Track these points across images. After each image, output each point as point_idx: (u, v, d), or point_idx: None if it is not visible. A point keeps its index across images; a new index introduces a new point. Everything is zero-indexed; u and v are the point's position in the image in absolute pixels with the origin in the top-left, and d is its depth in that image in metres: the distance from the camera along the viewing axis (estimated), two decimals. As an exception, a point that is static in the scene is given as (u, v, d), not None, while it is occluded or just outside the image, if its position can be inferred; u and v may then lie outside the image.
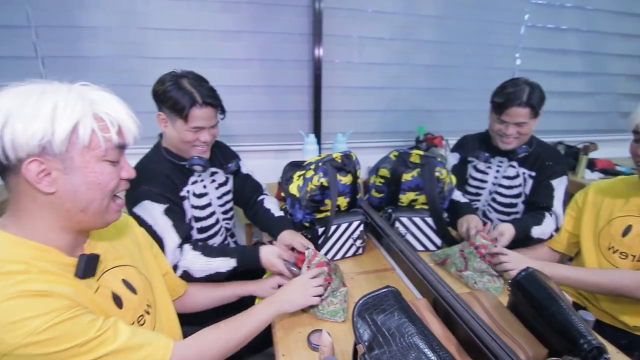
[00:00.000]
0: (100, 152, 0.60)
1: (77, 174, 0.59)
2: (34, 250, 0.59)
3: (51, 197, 0.58)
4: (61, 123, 0.55)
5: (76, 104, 0.57)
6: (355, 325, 0.72)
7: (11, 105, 0.54)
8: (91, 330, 0.57)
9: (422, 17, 2.08)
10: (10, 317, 0.50)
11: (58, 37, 1.73)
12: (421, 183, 1.25)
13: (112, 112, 0.61)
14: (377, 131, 2.24)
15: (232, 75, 1.96)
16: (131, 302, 0.72)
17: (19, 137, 0.53)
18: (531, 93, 1.23)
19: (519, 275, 0.84)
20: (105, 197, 0.63)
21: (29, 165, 0.55)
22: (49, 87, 0.57)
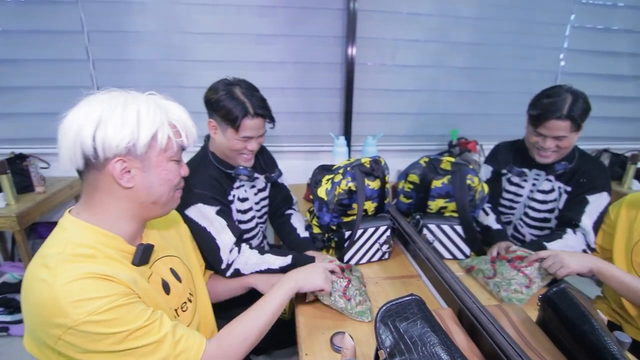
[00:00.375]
0: (172, 153, 0.70)
1: (152, 172, 0.68)
2: (102, 237, 0.66)
3: (128, 191, 0.67)
4: (145, 129, 0.63)
5: (156, 113, 0.65)
6: (378, 331, 0.73)
7: (102, 112, 0.62)
8: (141, 318, 0.61)
9: (458, 19, 2.04)
10: (78, 295, 0.56)
11: (107, 41, 1.86)
12: (451, 190, 1.23)
13: (181, 119, 0.71)
14: (408, 134, 2.22)
15: (267, 78, 2.01)
16: (177, 289, 0.80)
17: (110, 139, 0.61)
18: (573, 104, 1.12)
19: (550, 291, 0.82)
20: (171, 190, 0.73)
21: (115, 164, 0.63)
22: (129, 96, 0.66)
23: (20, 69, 1.84)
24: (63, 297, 0.55)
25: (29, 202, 1.67)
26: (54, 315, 0.55)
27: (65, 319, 0.55)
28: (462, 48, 2.09)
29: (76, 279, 0.57)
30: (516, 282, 1.04)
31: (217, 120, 1.12)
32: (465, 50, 2.10)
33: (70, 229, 0.65)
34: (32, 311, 0.58)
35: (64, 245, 0.62)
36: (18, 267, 1.99)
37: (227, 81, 1.12)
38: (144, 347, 0.61)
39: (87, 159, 0.63)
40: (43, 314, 0.56)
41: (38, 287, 0.57)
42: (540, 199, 1.29)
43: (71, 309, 0.55)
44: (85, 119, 0.61)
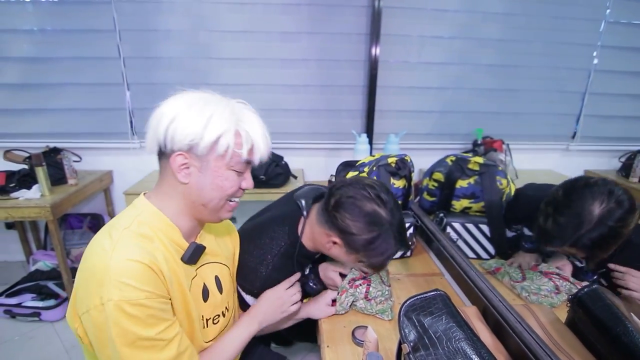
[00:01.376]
0: (232, 162, 0.69)
1: (208, 174, 0.69)
2: (164, 225, 0.70)
3: (184, 187, 0.69)
4: (210, 132, 0.65)
5: (225, 119, 0.66)
6: (402, 325, 0.73)
7: (181, 107, 0.65)
8: (155, 329, 0.61)
9: (486, 14, 1.99)
10: (126, 276, 0.58)
11: (138, 39, 1.92)
12: (477, 191, 1.20)
13: (251, 132, 0.69)
14: (432, 133, 2.19)
15: (290, 75, 2.03)
16: (215, 299, 0.79)
17: (178, 133, 0.64)
18: (591, 239, 0.83)
19: (581, 292, 0.79)
20: (223, 198, 0.72)
21: (176, 157, 0.66)
22: (213, 98, 0.69)
23: (55, 66, 1.93)
24: (113, 271, 0.58)
25: (62, 193, 1.75)
26: (98, 283, 0.58)
27: (104, 292, 0.57)
28: (490, 45, 2.04)
29: (132, 259, 0.60)
30: (546, 288, 1.01)
31: (350, 248, 0.88)
32: (493, 46, 2.05)
33: (140, 209, 0.69)
34: (83, 274, 0.61)
35: (132, 221, 0.66)
36: (50, 256, 2.08)
37: (374, 205, 0.85)
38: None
39: (159, 147, 0.68)
40: (90, 279, 0.59)
41: (96, 252, 0.61)
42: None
43: (112, 286, 0.57)
44: (168, 111, 0.66)
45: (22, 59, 1.91)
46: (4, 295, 1.86)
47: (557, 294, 1.00)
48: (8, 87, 1.94)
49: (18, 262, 2.27)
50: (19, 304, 1.82)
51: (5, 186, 1.73)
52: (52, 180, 1.77)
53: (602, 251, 0.88)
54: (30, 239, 2.23)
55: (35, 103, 1.98)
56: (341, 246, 0.89)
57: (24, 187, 1.73)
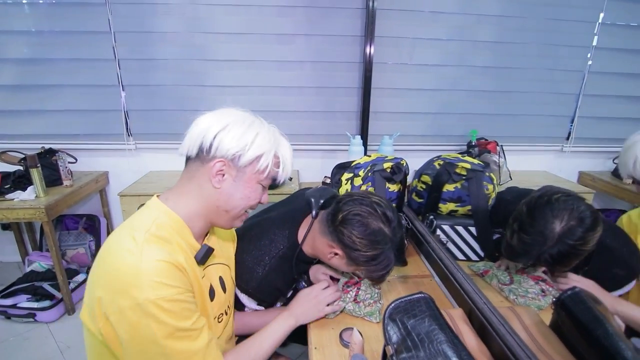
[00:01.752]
0: (263, 178, 0.77)
1: (240, 184, 0.75)
2: (179, 226, 0.72)
3: (213, 191, 0.74)
4: (254, 149, 0.72)
5: (269, 141, 0.75)
6: (386, 327, 0.74)
7: (232, 121, 0.73)
8: (190, 319, 0.66)
9: (480, 16, 2.00)
10: (158, 276, 0.61)
11: (133, 41, 1.93)
12: (464, 195, 1.21)
13: (286, 156, 0.79)
14: (426, 134, 2.20)
15: (286, 77, 2.04)
16: (220, 299, 0.83)
17: (225, 143, 0.71)
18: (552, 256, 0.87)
19: (564, 295, 0.80)
20: (245, 208, 0.78)
21: (217, 163, 0.72)
22: (256, 119, 0.76)
23: (50, 67, 1.94)
24: (145, 273, 0.60)
25: (57, 194, 1.76)
26: (130, 284, 0.59)
27: (139, 293, 0.59)
28: (484, 46, 2.05)
29: (159, 259, 0.63)
30: (533, 291, 1.02)
31: (351, 260, 0.91)
32: (487, 48, 2.06)
33: (157, 211, 0.72)
34: (108, 276, 0.62)
35: (151, 224, 0.68)
36: (45, 257, 2.09)
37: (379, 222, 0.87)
38: (178, 354, 0.64)
39: (201, 150, 0.72)
40: (120, 280, 0.60)
41: (123, 254, 0.63)
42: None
43: (147, 286, 0.60)
44: (218, 121, 0.72)
45: (18, 61, 1.92)
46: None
47: (544, 297, 1.01)
48: (4, 88, 1.95)
49: (14, 263, 2.29)
50: (14, 304, 1.83)
51: (0, 187, 1.74)
52: (47, 182, 1.78)
53: (563, 266, 0.92)
54: (26, 240, 2.24)
55: (31, 104, 1.99)
56: (342, 257, 0.92)
57: (19, 189, 1.74)
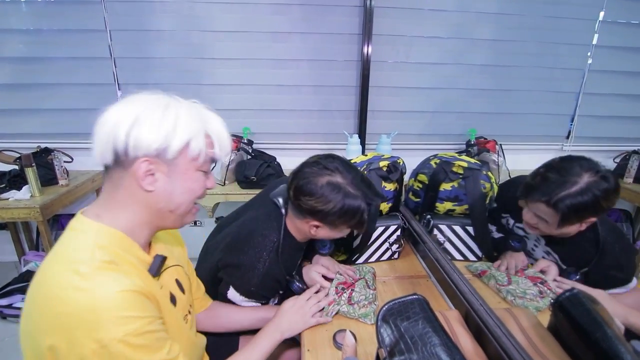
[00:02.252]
0: (201, 163, 0.67)
1: (177, 178, 0.65)
2: (124, 242, 0.63)
3: (148, 195, 0.64)
4: (180, 135, 0.62)
5: (193, 121, 0.64)
6: (379, 329, 0.72)
7: (141, 111, 0.61)
8: (162, 350, 0.59)
9: (479, 14, 1.98)
10: (120, 310, 0.53)
11: (129, 39, 1.91)
12: (461, 194, 1.20)
13: (218, 131, 0.68)
14: (424, 133, 2.18)
15: (283, 75, 2.02)
16: (181, 302, 0.77)
17: (142, 139, 0.59)
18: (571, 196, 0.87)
19: (562, 296, 0.78)
20: (192, 202, 0.69)
21: (141, 163, 0.61)
22: (172, 101, 0.65)
23: (47, 66, 1.92)
24: (104, 311, 0.52)
25: (53, 194, 1.74)
26: (90, 327, 0.51)
27: (103, 334, 0.51)
28: (483, 45, 2.03)
29: (119, 290, 0.54)
30: (531, 292, 1.00)
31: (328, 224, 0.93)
32: (486, 47, 2.04)
33: (91, 233, 0.61)
34: (59, 321, 0.52)
35: (92, 250, 0.58)
36: (42, 257, 2.08)
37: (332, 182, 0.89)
38: None
39: (117, 154, 0.61)
40: (76, 327, 0.51)
41: (73, 296, 0.52)
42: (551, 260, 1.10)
43: (111, 325, 0.52)
44: (124, 115, 0.60)
45: (14, 59, 1.91)
46: (-5, 296, 1.86)
47: (542, 298, 0.99)
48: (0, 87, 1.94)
49: (10, 263, 2.27)
50: (10, 304, 1.82)
51: (-4, 187, 1.73)
52: (42, 181, 1.76)
53: (574, 220, 0.90)
54: (23, 239, 2.23)
55: (27, 103, 1.98)
56: (322, 226, 0.94)
57: (14, 188, 1.73)
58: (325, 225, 0.93)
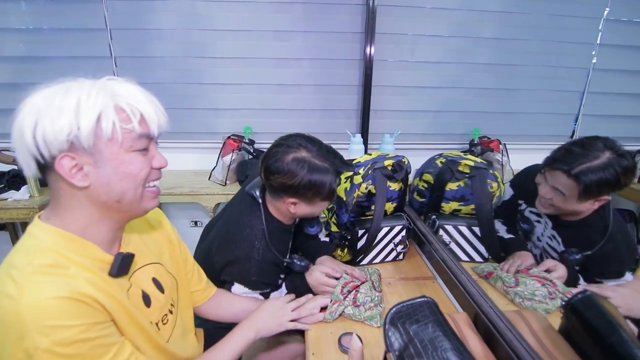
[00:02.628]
0: (129, 143, 0.59)
1: (107, 166, 0.58)
2: (75, 244, 0.59)
3: (86, 191, 0.59)
4: (85, 117, 0.55)
5: (97, 97, 0.56)
6: (387, 333, 0.70)
7: (40, 105, 0.55)
8: (105, 356, 0.56)
9: (482, 13, 1.96)
10: (46, 319, 0.50)
11: (129, 38, 1.89)
12: (467, 194, 1.18)
13: (134, 102, 0.59)
14: (427, 132, 2.16)
15: (284, 74, 2.00)
16: (158, 302, 0.73)
17: (48, 134, 0.53)
18: (593, 169, 0.92)
19: (575, 298, 0.76)
20: (139, 186, 0.63)
21: (61, 161, 0.55)
22: (74, 84, 0.58)
23: (47, 65, 1.91)
24: (29, 320, 0.49)
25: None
26: (15, 338, 0.50)
27: (27, 343, 0.49)
28: (487, 43, 2.01)
29: (48, 297, 0.51)
30: (540, 293, 0.98)
31: (300, 198, 0.97)
32: (490, 45, 2.02)
33: (39, 236, 0.58)
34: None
35: (32, 254, 0.55)
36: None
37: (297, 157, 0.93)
38: None
39: (37, 160, 0.56)
40: (3, 335, 0.51)
41: (2, 302, 0.51)
42: (557, 248, 1.11)
43: (36, 334, 0.49)
44: (25, 116, 0.55)
45: (13, 58, 1.89)
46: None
47: (551, 300, 0.97)
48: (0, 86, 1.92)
49: (10, 264, 2.25)
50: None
51: (-5, 187, 1.71)
52: (41, 182, 1.74)
53: (592, 194, 0.95)
54: (22, 240, 2.21)
55: (27, 103, 1.96)
56: (298, 202, 0.98)
57: (13, 188, 1.71)
58: (300, 200, 0.97)
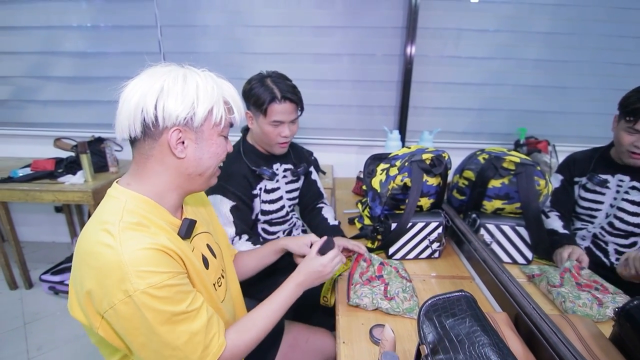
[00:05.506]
0: (222, 128, 0.71)
1: (204, 144, 0.69)
2: (151, 207, 0.68)
3: (179, 162, 0.68)
4: (203, 103, 0.65)
5: (213, 89, 0.67)
6: (421, 325, 0.68)
7: (164, 83, 0.63)
8: (185, 302, 0.63)
9: (534, 5, 1.87)
10: (142, 265, 0.58)
11: (177, 35, 1.99)
12: (512, 192, 1.12)
13: (234, 97, 0.72)
14: (469, 131, 2.08)
15: (323, 70, 2.01)
16: (213, 265, 0.81)
17: (172, 109, 0.63)
18: None
19: (630, 305, 0.70)
20: (217, 164, 0.75)
21: (172, 133, 0.65)
22: (187, 70, 0.67)
23: (102, 60, 2.05)
24: (129, 264, 0.57)
25: (103, 180, 1.85)
26: (117, 280, 0.57)
27: (128, 286, 0.57)
28: (536, 38, 1.91)
29: (142, 248, 0.59)
30: (587, 297, 0.92)
31: (251, 109, 1.19)
32: (540, 40, 1.91)
33: (121, 199, 0.66)
34: (93, 274, 0.59)
35: (121, 213, 0.63)
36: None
37: (261, 74, 1.19)
38: (178, 339, 0.62)
39: (146, 126, 0.65)
40: (106, 278, 0.58)
41: (103, 251, 0.58)
42: (630, 210, 1.10)
43: (134, 277, 0.57)
44: (149, 88, 0.63)
45: (74, 54, 2.05)
46: (50, 273, 1.99)
47: (599, 306, 0.90)
48: (61, 79, 2.09)
49: (64, 244, 2.44)
50: (62, 281, 1.95)
51: (54, 171, 1.86)
52: (95, 168, 1.87)
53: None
54: (76, 222, 2.38)
55: (84, 95, 2.12)
56: (251, 115, 1.20)
57: (70, 173, 1.85)
58: (251, 110, 1.19)
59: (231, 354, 0.71)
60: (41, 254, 2.37)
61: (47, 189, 1.76)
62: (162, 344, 0.61)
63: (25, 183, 1.78)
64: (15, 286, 2.03)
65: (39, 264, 2.14)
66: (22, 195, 1.77)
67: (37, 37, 2.02)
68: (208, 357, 0.66)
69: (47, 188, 1.76)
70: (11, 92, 2.15)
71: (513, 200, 1.12)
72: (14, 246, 1.95)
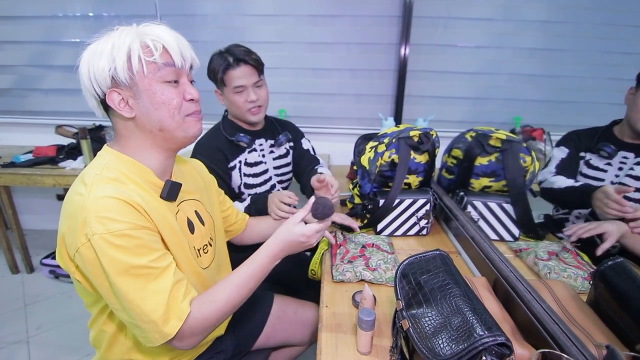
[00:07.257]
0: (160, 75, 0.68)
1: (143, 97, 0.68)
2: (134, 167, 0.71)
3: (134, 121, 0.70)
4: (118, 55, 0.65)
5: (126, 37, 0.66)
6: (397, 283, 0.71)
7: (89, 52, 0.67)
8: (146, 257, 0.63)
9: (529, -6, 1.87)
10: (103, 211, 0.60)
11: (177, 24, 2.00)
12: (498, 169, 1.13)
13: (157, 37, 0.67)
14: (464, 120, 2.10)
15: (319, 59, 2.04)
16: (200, 231, 0.83)
17: (97, 74, 0.65)
18: None
19: (604, 265, 0.72)
20: (173, 114, 0.70)
21: (110, 95, 0.67)
22: (112, 32, 0.68)
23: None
24: (91, 209, 0.60)
25: (103, 165, 1.88)
26: (80, 224, 0.60)
27: (87, 229, 0.59)
28: (532, 26, 1.92)
29: (106, 196, 0.62)
30: (572, 271, 0.92)
31: (218, 86, 1.23)
32: (535, 28, 1.92)
33: (106, 157, 0.70)
34: (64, 220, 0.64)
35: (102, 168, 0.67)
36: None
37: (219, 49, 1.22)
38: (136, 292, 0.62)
39: (96, 98, 0.69)
40: (73, 223, 0.61)
41: (75, 199, 0.63)
42: (633, 185, 1.12)
43: (94, 221, 0.59)
44: (82, 64, 0.67)
45: (74, 43, 2.09)
46: (51, 257, 2.03)
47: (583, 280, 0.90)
48: (63, 68, 2.13)
49: (66, 231, 2.48)
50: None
51: (55, 157, 1.90)
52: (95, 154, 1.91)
53: None
54: (77, 210, 2.42)
55: (85, 84, 2.16)
56: (219, 91, 1.26)
57: (71, 159, 1.89)
58: (218, 87, 1.23)
59: (196, 322, 0.67)
60: (43, 241, 2.41)
61: (48, 173, 1.80)
62: (120, 294, 0.62)
63: (27, 168, 1.82)
64: (17, 270, 2.08)
65: (41, 250, 2.18)
66: (24, 180, 1.81)
67: (40, 27, 2.07)
68: (171, 320, 0.64)
69: (49, 173, 1.80)
70: (14, 80, 2.20)
71: (500, 177, 1.14)
72: (16, 231, 1.99)
